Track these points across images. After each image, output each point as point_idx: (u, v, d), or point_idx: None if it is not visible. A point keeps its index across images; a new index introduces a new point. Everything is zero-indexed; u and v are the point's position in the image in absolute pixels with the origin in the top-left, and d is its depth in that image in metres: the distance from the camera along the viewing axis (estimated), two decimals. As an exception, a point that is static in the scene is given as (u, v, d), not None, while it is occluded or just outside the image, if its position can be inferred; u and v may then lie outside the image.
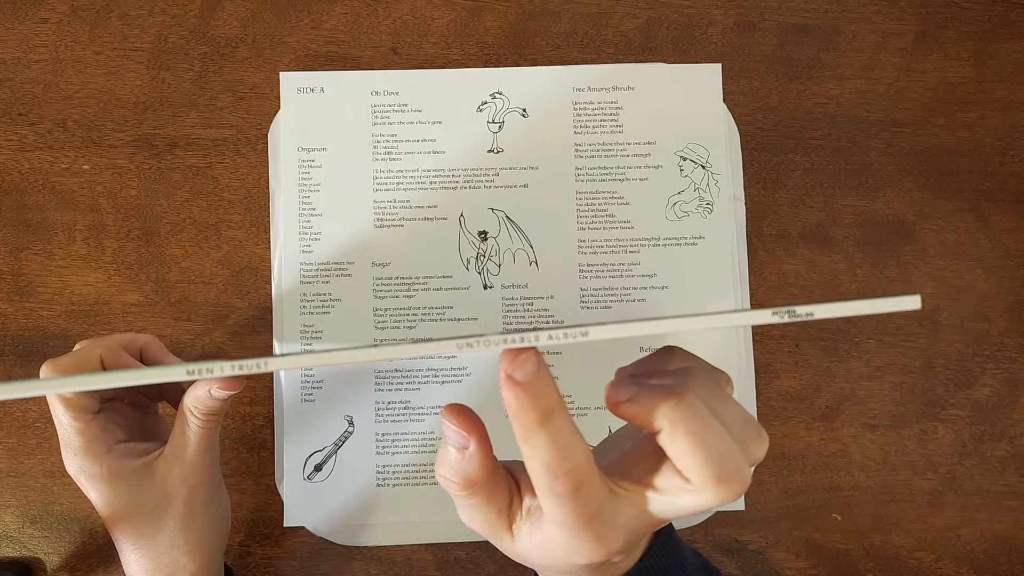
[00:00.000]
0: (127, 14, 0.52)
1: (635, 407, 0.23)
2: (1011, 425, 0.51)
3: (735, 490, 0.23)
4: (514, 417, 0.22)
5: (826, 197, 0.52)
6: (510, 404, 0.22)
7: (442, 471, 0.25)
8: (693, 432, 0.22)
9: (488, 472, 0.24)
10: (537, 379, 0.22)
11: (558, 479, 0.22)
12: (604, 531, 0.23)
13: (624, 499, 0.24)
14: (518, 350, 0.22)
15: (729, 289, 0.51)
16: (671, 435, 0.23)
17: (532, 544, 0.25)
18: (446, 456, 0.24)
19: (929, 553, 0.50)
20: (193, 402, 0.36)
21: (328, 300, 0.50)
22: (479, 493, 0.25)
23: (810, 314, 0.21)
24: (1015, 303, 0.52)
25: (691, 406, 0.23)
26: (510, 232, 0.51)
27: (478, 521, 0.25)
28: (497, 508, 0.25)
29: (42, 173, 0.51)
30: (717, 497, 0.23)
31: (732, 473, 0.22)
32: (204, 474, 0.38)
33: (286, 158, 0.51)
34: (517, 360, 0.22)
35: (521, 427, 0.22)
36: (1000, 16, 0.53)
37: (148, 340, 0.40)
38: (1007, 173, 0.53)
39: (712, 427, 0.23)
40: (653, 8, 0.53)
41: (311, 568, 0.49)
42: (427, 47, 0.52)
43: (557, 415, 0.22)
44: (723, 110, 0.52)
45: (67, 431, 0.37)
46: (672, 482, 0.23)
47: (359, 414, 0.49)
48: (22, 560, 0.49)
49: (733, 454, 0.23)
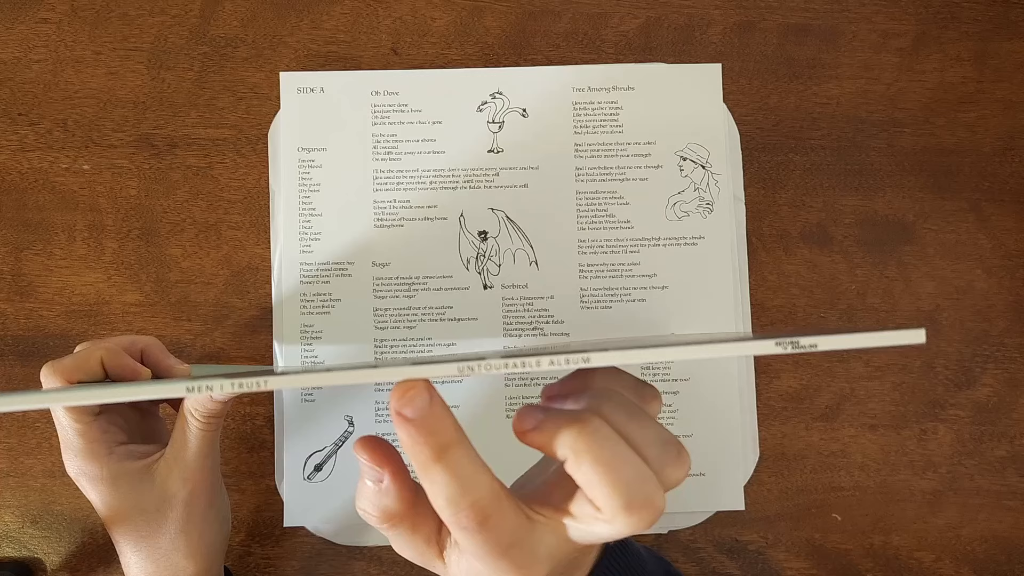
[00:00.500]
0: (127, 14, 0.52)
1: (540, 436, 0.22)
2: (1011, 425, 0.51)
3: (646, 518, 0.22)
4: (409, 453, 0.21)
5: (826, 197, 0.52)
6: (403, 441, 0.21)
7: (361, 504, 0.24)
8: (599, 461, 0.21)
9: (407, 503, 0.24)
10: (430, 414, 0.21)
11: (462, 512, 0.21)
12: (524, 560, 0.23)
13: (544, 526, 0.23)
14: (408, 384, 0.21)
15: (729, 289, 0.51)
16: (576, 464, 0.22)
17: (461, 572, 0.24)
18: (363, 490, 0.24)
19: (929, 553, 0.50)
20: (194, 405, 0.36)
21: (328, 300, 0.50)
22: (400, 524, 0.24)
23: (814, 345, 0.20)
24: (1015, 303, 0.52)
25: (594, 433, 0.22)
26: (510, 232, 0.51)
27: (407, 551, 0.25)
28: (424, 537, 0.24)
29: (42, 173, 0.51)
30: (628, 526, 0.22)
31: (642, 501, 0.21)
32: (204, 477, 0.38)
33: (286, 158, 0.51)
34: (407, 396, 0.21)
35: (417, 463, 0.21)
36: (1000, 16, 0.53)
37: (149, 342, 0.40)
38: (1007, 173, 0.53)
39: (620, 454, 0.22)
40: (653, 8, 0.53)
41: (311, 568, 0.49)
42: (427, 47, 0.52)
43: (454, 449, 0.21)
44: (723, 110, 0.52)
45: (68, 433, 0.37)
46: (584, 510, 0.22)
47: (359, 414, 0.49)
48: (22, 560, 0.49)
49: (643, 481, 0.22)
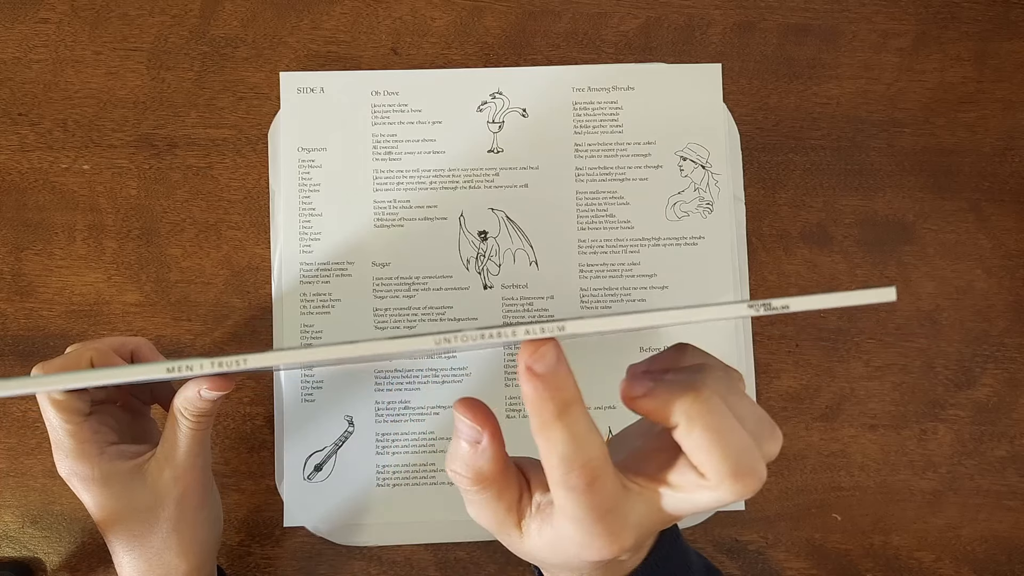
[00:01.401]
0: (127, 14, 0.52)
1: (652, 402, 0.23)
2: (1011, 425, 0.51)
3: (751, 486, 0.22)
4: (532, 409, 0.22)
5: (826, 197, 0.52)
6: (528, 395, 0.22)
7: (453, 465, 0.24)
8: (710, 427, 0.22)
9: (500, 467, 0.24)
10: (557, 371, 0.22)
11: (573, 472, 0.22)
12: (617, 527, 0.23)
13: (637, 495, 0.24)
14: (538, 341, 0.22)
15: (729, 289, 0.51)
16: (688, 430, 0.22)
17: (542, 541, 0.25)
18: (457, 450, 0.24)
19: (929, 553, 0.50)
20: (183, 403, 0.36)
21: (328, 300, 0.50)
22: (490, 488, 0.24)
23: (785, 307, 0.21)
24: (1015, 303, 0.52)
25: (708, 401, 0.22)
26: (510, 232, 0.51)
27: (487, 517, 0.25)
28: (507, 504, 0.25)
29: (42, 173, 0.51)
30: (733, 493, 0.22)
31: (748, 469, 0.22)
32: (196, 476, 0.38)
33: (286, 158, 0.51)
34: (538, 352, 0.21)
35: (538, 419, 0.22)
36: (1000, 16, 0.53)
37: (139, 343, 0.40)
38: (1007, 173, 0.53)
39: (729, 423, 0.23)
40: (653, 8, 0.53)
41: (311, 568, 0.49)
42: (427, 47, 0.52)
43: (575, 408, 0.22)
44: (723, 110, 0.52)
45: (58, 434, 0.37)
46: (687, 478, 0.23)
47: (359, 414, 0.49)
48: (22, 560, 0.49)
49: (749, 450, 0.23)
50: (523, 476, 0.26)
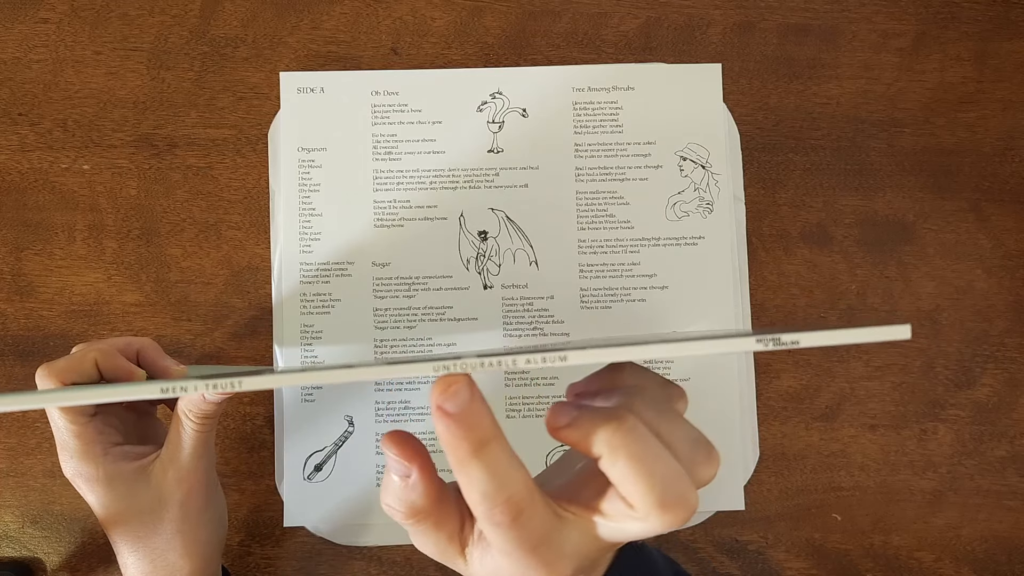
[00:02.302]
0: (127, 14, 0.52)
1: (574, 432, 0.22)
2: (1011, 425, 0.51)
3: (680, 516, 0.22)
4: (446, 448, 0.21)
5: (826, 197, 0.52)
6: (441, 435, 0.21)
7: (386, 499, 0.24)
8: (634, 457, 0.21)
9: (433, 499, 0.23)
10: (470, 409, 0.21)
11: (496, 508, 0.22)
12: (551, 558, 0.23)
13: (572, 524, 0.23)
14: (450, 379, 0.21)
15: (729, 289, 0.51)
16: (612, 460, 0.22)
17: (484, 570, 0.24)
18: (389, 484, 0.24)
19: (929, 553, 0.50)
20: (187, 406, 0.37)
21: (328, 300, 0.50)
22: (425, 520, 0.24)
23: (795, 342, 0.20)
24: (1015, 303, 0.52)
25: (632, 430, 0.22)
26: (510, 232, 0.51)
27: (429, 547, 0.25)
28: (447, 534, 0.24)
29: (42, 173, 0.51)
30: (662, 523, 0.22)
31: (676, 499, 0.22)
32: (200, 477, 0.38)
33: (286, 158, 0.51)
34: (449, 391, 0.21)
35: (455, 458, 0.21)
36: (1000, 16, 0.53)
37: (144, 343, 0.40)
38: (1007, 173, 0.53)
39: (654, 451, 0.22)
40: (653, 8, 0.53)
41: (311, 568, 0.49)
42: (427, 47, 0.52)
43: (492, 444, 0.21)
44: (723, 110, 0.52)
45: (63, 434, 0.37)
46: (617, 507, 0.22)
47: (359, 414, 0.49)
48: (22, 560, 0.49)
49: (677, 479, 0.22)
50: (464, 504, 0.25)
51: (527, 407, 0.50)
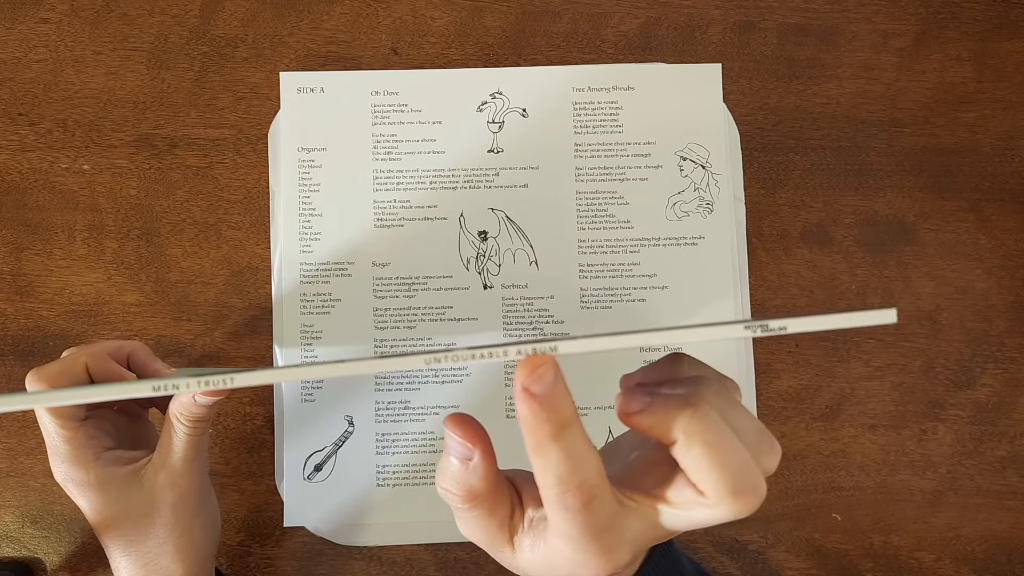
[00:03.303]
0: (127, 14, 0.52)
1: (648, 418, 0.23)
2: (1011, 425, 0.51)
3: (751, 504, 0.22)
4: (527, 429, 0.21)
5: (826, 197, 0.52)
6: (524, 416, 0.21)
7: (443, 483, 0.24)
8: (709, 444, 0.22)
9: (492, 484, 0.23)
10: (554, 392, 0.21)
11: (569, 492, 0.21)
12: (612, 545, 0.23)
13: (634, 512, 0.23)
14: (536, 360, 0.21)
15: (729, 289, 0.51)
16: (687, 447, 0.22)
17: (535, 557, 0.24)
18: (448, 467, 0.24)
19: (929, 553, 0.50)
20: (179, 409, 0.36)
21: (328, 300, 0.50)
22: (481, 506, 0.24)
23: (783, 328, 0.20)
24: (1015, 303, 0.52)
25: (707, 417, 0.22)
26: (510, 232, 0.51)
27: (478, 534, 0.25)
28: (499, 521, 0.24)
29: (42, 173, 0.51)
30: (732, 511, 0.22)
31: (748, 486, 0.22)
32: (192, 481, 0.38)
33: (286, 158, 0.51)
34: (536, 372, 0.21)
35: (534, 439, 0.21)
36: (1000, 16, 0.53)
37: (135, 347, 0.40)
38: (1007, 173, 0.53)
39: (728, 439, 0.22)
40: (653, 8, 0.53)
41: (311, 568, 0.49)
42: (427, 47, 0.52)
43: (572, 428, 0.21)
44: (723, 110, 0.52)
45: (54, 439, 0.37)
46: (685, 495, 0.23)
47: (359, 414, 0.49)
48: (22, 560, 0.49)
49: (749, 466, 0.22)
50: (515, 491, 0.25)
51: (527, 407, 0.50)
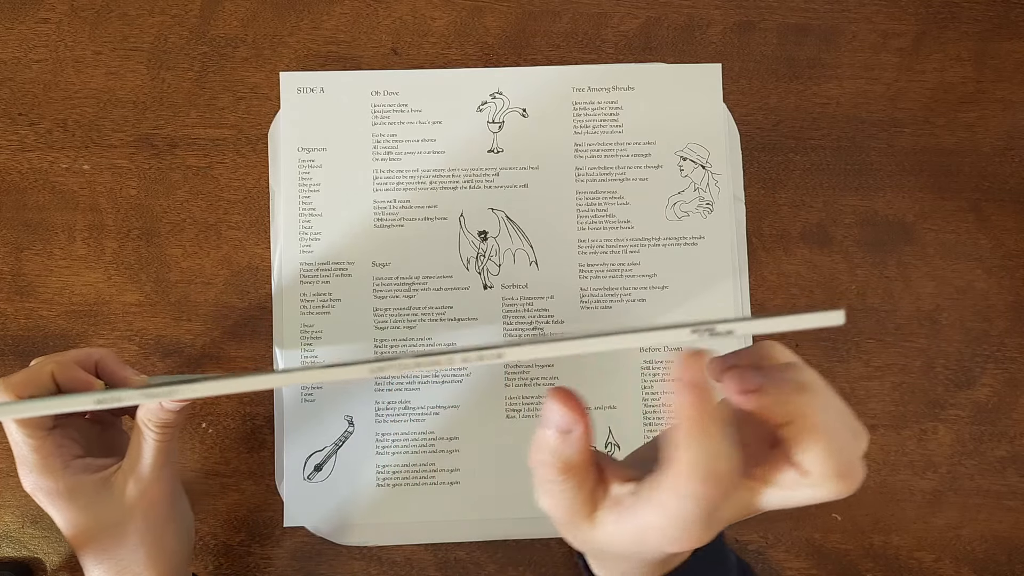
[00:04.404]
0: (127, 14, 0.52)
1: (765, 398, 0.24)
2: (1011, 425, 0.51)
3: (852, 485, 0.23)
4: (683, 416, 0.22)
5: (826, 197, 0.52)
6: (681, 404, 0.22)
7: (539, 455, 0.24)
8: (822, 426, 0.23)
9: (587, 456, 0.24)
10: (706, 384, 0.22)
11: (709, 481, 0.22)
12: (714, 524, 0.24)
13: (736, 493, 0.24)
14: (694, 354, 0.22)
15: (729, 289, 0.51)
16: (800, 428, 0.23)
17: (619, 530, 0.25)
18: (545, 440, 0.24)
19: (929, 553, 0.50)
20: (146, 415, 0.36)
21: (328, 300, 0.50)
22: (573, 478, 0.24)
23: (730, 331, 0.21)
24: (1015, 303, 0.52)
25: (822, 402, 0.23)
26: (510, 232, 0.51)
27: (562, 507, 0.25)
28: (586, 493, 0.25)
29: (42, 173, 0.51)
30: (835, 491, 0.23)
31: (851, 468, 0.23)
32: (162, 487, 0.38)
33: (286, 158, 0.51)
34: (695, 366, 0.22)
35: (687, 425, 0.22)
36: (1000, 16, 0.53)
37: (104, 354, 0.40)
38: (1007, 173, 0.53)
39: (837, 423, 0.23)
40: (653, 8, 0.53)
41: (311, 568, 0.49)
42: (427, 47, 0.52)
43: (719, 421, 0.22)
44: (723, 110, 0.52)
45: (21, 449, 0.36)
46: (788, 475, 0.24)
47: (359, 414, 0.49)
48: (22, 560, 0.49)
49: (852, 449, 0.23)
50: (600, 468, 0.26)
51: (527, 407, 0.50)
